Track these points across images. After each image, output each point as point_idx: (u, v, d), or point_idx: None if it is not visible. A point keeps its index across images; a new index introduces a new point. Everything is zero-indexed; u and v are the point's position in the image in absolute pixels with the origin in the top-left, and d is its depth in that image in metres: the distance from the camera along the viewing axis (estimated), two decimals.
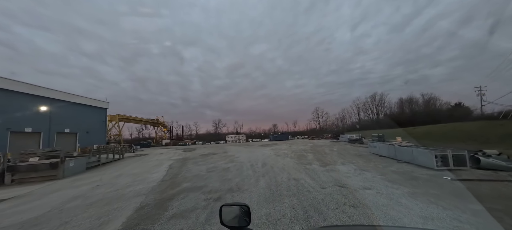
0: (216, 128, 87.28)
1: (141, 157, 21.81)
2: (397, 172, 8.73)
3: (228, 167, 11.65)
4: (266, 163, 12.65)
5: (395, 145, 11.82)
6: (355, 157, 13.80)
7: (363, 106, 74.16)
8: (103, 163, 16.34)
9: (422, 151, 9.43)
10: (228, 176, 9.21)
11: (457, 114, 38.40)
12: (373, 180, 7.55)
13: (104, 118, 39.85)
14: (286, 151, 20.41)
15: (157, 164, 14.83)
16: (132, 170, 12.64)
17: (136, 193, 7.24)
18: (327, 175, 8.63)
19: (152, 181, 9.15)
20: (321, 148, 22.92)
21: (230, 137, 59.22)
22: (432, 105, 57.01)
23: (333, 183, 7.24)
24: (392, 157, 12.00)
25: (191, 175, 9.96)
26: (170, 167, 13.03)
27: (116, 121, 47.53)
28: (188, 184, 8.11)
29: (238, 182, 8.04)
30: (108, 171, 13.10)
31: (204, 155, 19.96)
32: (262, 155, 17.46)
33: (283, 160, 13.71)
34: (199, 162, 14.67)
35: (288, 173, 9.31)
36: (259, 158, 15.06)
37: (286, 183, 7.45)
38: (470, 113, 40.91)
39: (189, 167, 12.56)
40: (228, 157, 16.89)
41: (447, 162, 8.61)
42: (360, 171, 9.26)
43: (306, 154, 17.03)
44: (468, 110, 41.72)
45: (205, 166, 12.51)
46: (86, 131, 35.08)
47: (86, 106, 36.15)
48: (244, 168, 11.22)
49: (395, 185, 6.79)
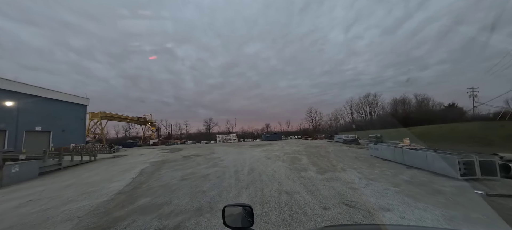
0: (207, 127, 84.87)
1: (117, 159, 19.51)
2: (413, 183, 7.07)
3: (208, 174, 9.72)
4: (254, 168, 10.80)
5: (403, 148, 10.23)
6: (355, 161, 12.17)
7: (357, 107, 73.69)
8: (67, 166, 14.04)
9: (440, 155, 7.82)
10: (204, 187, 7.30)
11: (451, 115, 37.86)
12: (386, 194, 5.84)
13: (83, 115, 36.93)
14: (278, 152, 18.63)
15: (127, 169, 12.70)
16: (91, 177, 10.50)
17: (68, 216, 5.23)
18: (328, 186, 6.87)
19: (105, 194, 7.12)
20: (315, 149, 21.30)
21: (221, 136, 57.07)
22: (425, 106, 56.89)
23: (337, 200, 5.47)
24: (399, 161, 10.41)
25: (158, 185, 7.97)
26: (140, 173, 10.97)
27: (98, 119, 44.46)
28: (146, 200, 6.14)
29: (213, 196, 6.15)
30: (63, 177, 10.89)
31: (186, 157, 17.90)
32: (251, 157, 15.60)
33: (274, 164, 11.90)
34: (177, 166, 12.66)
35: (278, 183, 7.49)
36: (247, 162, 13.20)
37: (276, 200, 5.62)
38: (464, 114, 40.55)
39: (162, 173, 10.55)
40: (213, 160, 14.93)
41: (472, 170, 7.03)
42: (367, 180, 7.55)
43: (300, 156, 15.31)
44: (462, 111, 41.38)
45: (182, 172, 10.53)
46: (61, 129, 32.17)
47: (62, 103, 33.17)
48: (226, 175, 9.33)
49: (419, 203, 5.09)
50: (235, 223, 1.32)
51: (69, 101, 34.35)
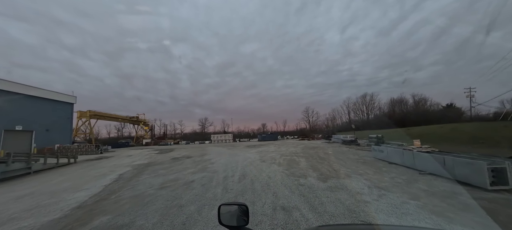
0: (203, 126, 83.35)
1: (99, 162, 18.03)
2: (434, 193, 5.92)
3: (193, 181, 8.43)
4: (246, 173, 9.54)
5: (414, 150, 9.10)
6: (358, 164, 11.03)
7: (354, 107, 73.12)
8: (39, 170, 12.56)
9: (463, 160, 6.69)
10: (182, 200, 6.01)
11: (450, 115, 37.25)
12: (407, 211, 4.66)
13: (69, 114, 35.07)
14: (274, 154, 17.42)
15: (104, 173, 11.31)
16: (58, 184, 9.09)
17: None
18: (333, 198, 5.66)
19: (59, 209, 5.77)
20: (313, 150, 20.16)
21: (215, 136, 55.65)
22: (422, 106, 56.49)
23: (349, 221, 4.26)
24: (409, 165, 9.29)
25: (129, 196, 6.65)
26: (116, 179, 9.61)
27: (86, 118, 42.58)
28: (105, 219, 4.82)
29: (191, 215, 4.87)
30: (26, 185, 9.44)
31: (175, 159, 16.54)
32: (244, 160, 14.34)
33: (269, 168, 10.67)
34: (161, 171, 11.32)
35: (274, 194, 6.25)
36: (239, 165, 11.95)
37: (269, 220, 4.38)
38: (462, 114, 40.04)
39: (141, 180, 9.21)
40: (202, 163, 13.63)
41: (503, 179, 5.91)
42: (378, 190, 6.37)
43: (298, 158, 14.12)
44: (460, 111, 40.87)
45: (163, 178, 9.21)
46: (45, 129, 30.34)
47: (47, 101, 31.29)
48: (213, 182, 8.06)
49: (456, 227, 3.91)
50: (230, 222, 1.32)
51: (54, 99, 32.48)
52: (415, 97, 57.41)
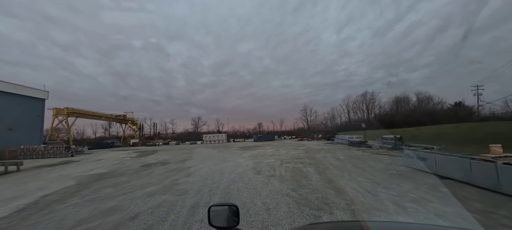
0: (196, 126, 79.58)
1: (52, 168, 14.31)
2: None
3: (139, 213, 4.92)
4: (230, 194, 6.07)
5: (497, 163, 5.78)
6: (396, 179, 7.67)
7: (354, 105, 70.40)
8: None
9: None
10: None
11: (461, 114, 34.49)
12: None
13: (40, 111, 30.92)
14: (272, 160, 13.98)
15: (21, 195, 7.68)
16: None
17: None
18: None
19: None
20: (320, 154, 16.80)
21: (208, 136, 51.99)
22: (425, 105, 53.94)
23: None
24: (483, 185, 5.98)
25: None
26: (24, 207, 6.03)
27: (64, 116, 38.43)
28: None
29: None
30: None
31: (145, 167, 12.94)
32: (233, 169, 10.86)
33: (266, 187, 7.20)
34: (107, 189, 7.75)
35: None
36: (224, 179, 8.47)
37: None
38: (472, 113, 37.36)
39: (60, 209, 5.65)
40: (175, 174, 10.09)
41: None
42: None
43: (304, 167, 10.72)
44: (470, 110, 38.18)
45: (98, 206, 5.65)
46: (8, 128, 26.31)
47: (10, 96, 27.08)
48: (171, 216, 4.56)
49: None
50: (221, 223, 1.28)
51: (21, 94, 28.35)
52: (418, 95, 54.85)
